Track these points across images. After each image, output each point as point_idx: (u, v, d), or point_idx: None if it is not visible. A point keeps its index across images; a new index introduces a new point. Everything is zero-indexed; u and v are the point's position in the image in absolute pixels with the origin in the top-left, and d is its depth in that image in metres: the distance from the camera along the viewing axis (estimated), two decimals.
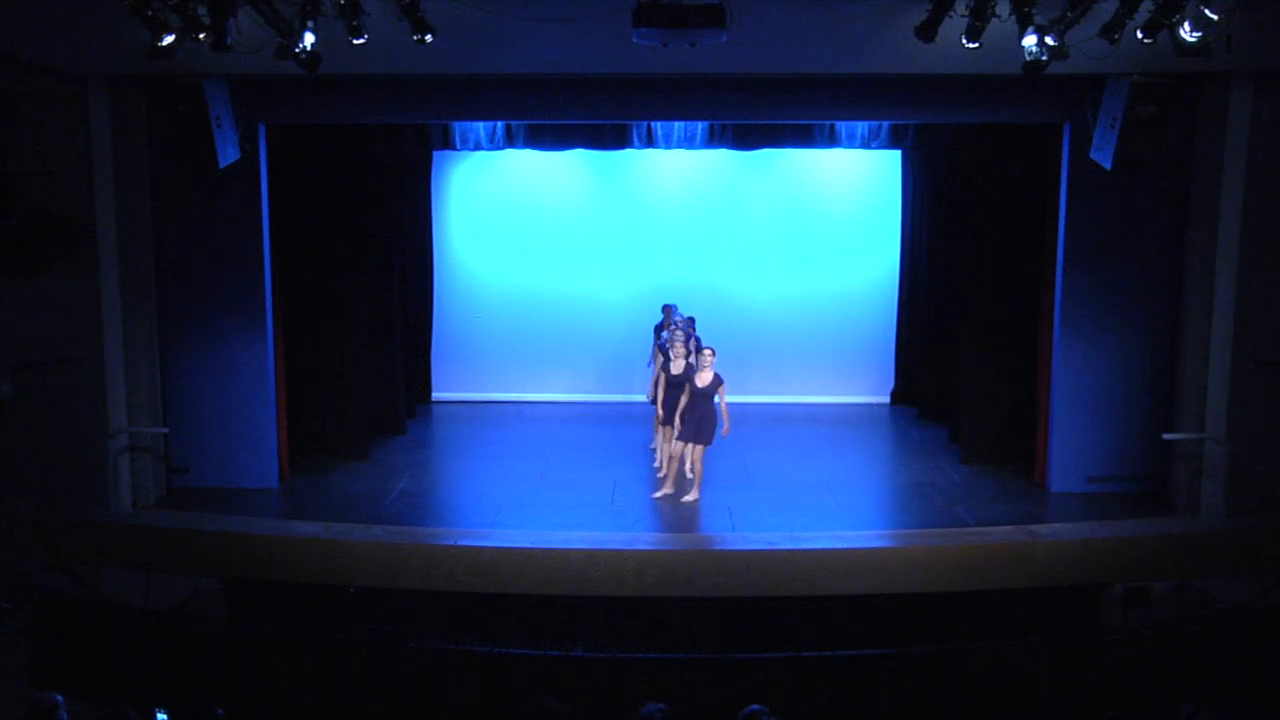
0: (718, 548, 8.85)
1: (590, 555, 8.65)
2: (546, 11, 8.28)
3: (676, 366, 10.25)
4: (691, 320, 11.76)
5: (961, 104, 10.12)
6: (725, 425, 9.96)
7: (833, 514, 10.05)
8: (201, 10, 7.56)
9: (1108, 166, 9.60)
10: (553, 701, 4.58)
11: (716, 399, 9.88)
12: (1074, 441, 10.60)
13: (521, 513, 10.08)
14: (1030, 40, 7.74)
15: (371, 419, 12.11)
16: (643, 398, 13.75)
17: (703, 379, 9.86)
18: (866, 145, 12.26)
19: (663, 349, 10.89)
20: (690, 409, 9.80)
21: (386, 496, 10.54)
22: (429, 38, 8.07)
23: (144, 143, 10.18)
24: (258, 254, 10.49)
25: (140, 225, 10.27)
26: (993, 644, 7.84)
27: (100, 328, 10.15)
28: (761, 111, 10.55)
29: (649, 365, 12.07)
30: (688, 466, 10.11)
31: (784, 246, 14.27)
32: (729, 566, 8.64)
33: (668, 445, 10.44)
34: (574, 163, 13.96)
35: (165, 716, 5.23)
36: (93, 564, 9.21)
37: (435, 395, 14.40)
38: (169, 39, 7.82)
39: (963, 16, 7.83)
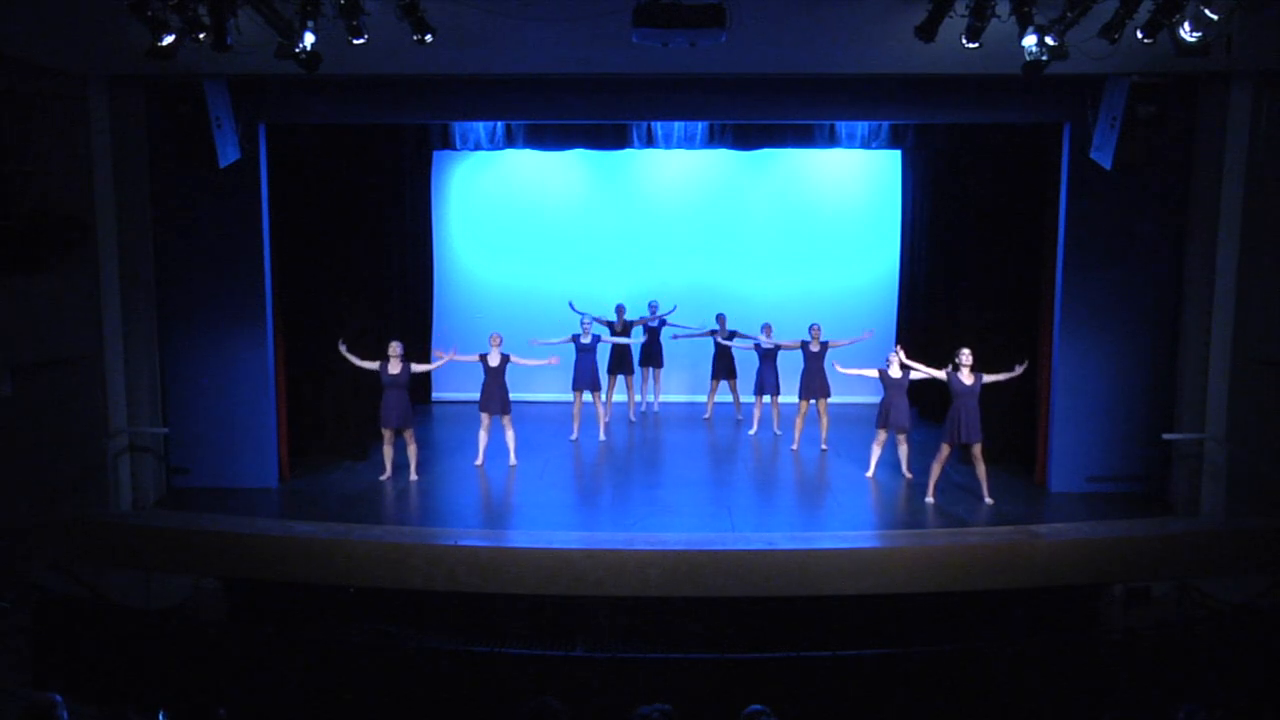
0: (718, 548, 8.84)
1: (590, 555, 8.65)
2: (546, 11, 8.29)
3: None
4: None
5: (961, 104, 10.12)
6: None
7: (833, 514, 10.05)
8: (201, 10, 7.57)
9: (1107, 166, 9.60)
10: (553, 701, 4.58)
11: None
12: (1074, 441, 10.61)
13: (521, 513, 10.08)
14: (1030, 40, 7.75)
15: (371, 419, 12.09)
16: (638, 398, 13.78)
17: (968, 378, 10.10)
18: (866, 145, 12.28)
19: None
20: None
21: (386, 496, 10.54)
22: (429, 38, 8.07)
23: (144, 143, 10.18)
24: (258, 254, 10.49)
25: (140, 225, 10.27)
26: (993, 644, 7.84)
27: (100, 328, 10.14)
28: (761, 111, 10.56)
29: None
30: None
31: (784, 246, 14.27)
32: (729, 566, 8.63)
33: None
34: (574, 163, 13.96)
35: (165, 717, 5.22)
36: (93, 564, 9.21)
37: (435, 395, 14.39)
38: (169, 39, 7.83)
39: (963, 16, 7.84)
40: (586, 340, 12.12)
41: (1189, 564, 9.07)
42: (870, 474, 10.94)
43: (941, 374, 10.29)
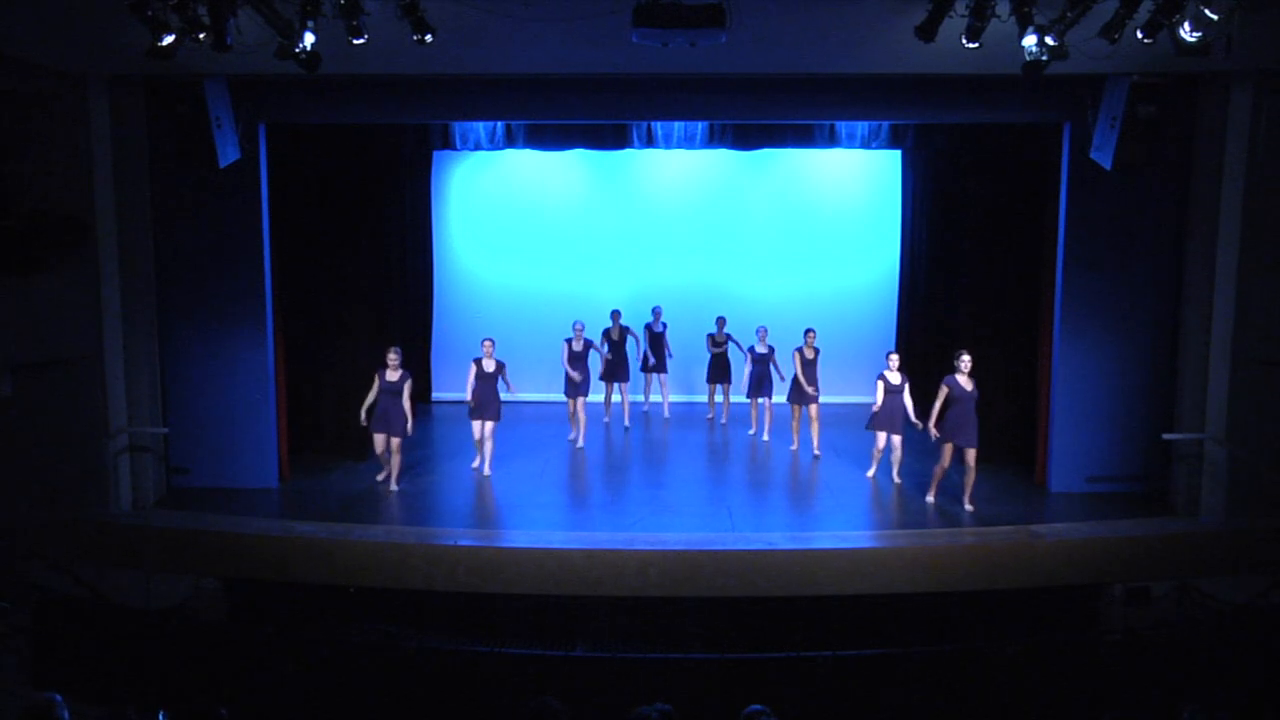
0: (718, 548, 8.84)
1: (590, 555, 8.65)
2: (546, 11, 8.29)
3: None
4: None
5: (961, 104, 10.12)
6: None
7: (833, 514, 10.05)
8: (201, 10, 7.57)
9: (1107, 167, 9.60)
10: (553, 701, 4.58)
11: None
12: (1074, 441, 10.60)
13: (521, 513, 10.08)
14: (1030, 40, 7.75)
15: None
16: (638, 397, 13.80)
17: (967, 383, 9.89)
18: (866, 145, 12.28)
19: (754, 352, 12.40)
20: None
21: (386, 496, 10.54)
22: (429, 38, 8.07)
23: (144, 143, 10.18)
24: (258, 254, 10.49)
25: (140, 225, 10.27)
26: (993, 644, 7.84)
27: (100, 328, 10.14)
28: (761, 111, 10.55)
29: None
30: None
31: (784, 246, 14.27)
32: (729, 566, 8.63)
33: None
34: (574, 163, 13.96)
35: (166, 717, 5.22)
36: (93, 564, 9.20)
37: (435, 395, 14.40)
38: (169, 39, 7.84)
39: (963, 16, 7.84)
40: (578, 348, 12.11)
41: (1189, 564, 9.07)
42: (871, 474, 10.94)
43: (940, 399, 10.10)
